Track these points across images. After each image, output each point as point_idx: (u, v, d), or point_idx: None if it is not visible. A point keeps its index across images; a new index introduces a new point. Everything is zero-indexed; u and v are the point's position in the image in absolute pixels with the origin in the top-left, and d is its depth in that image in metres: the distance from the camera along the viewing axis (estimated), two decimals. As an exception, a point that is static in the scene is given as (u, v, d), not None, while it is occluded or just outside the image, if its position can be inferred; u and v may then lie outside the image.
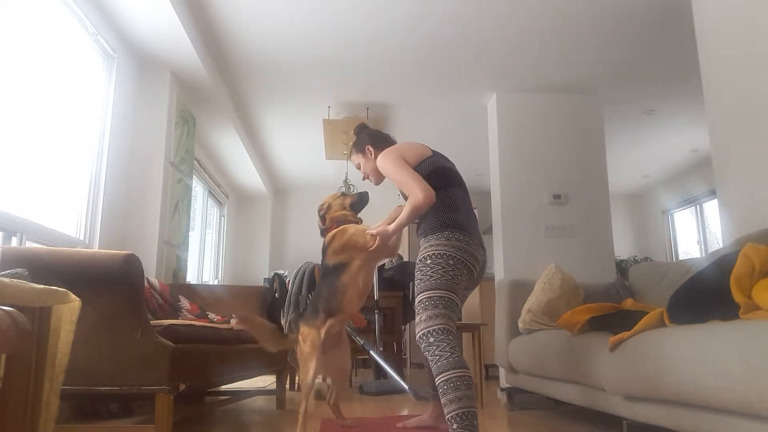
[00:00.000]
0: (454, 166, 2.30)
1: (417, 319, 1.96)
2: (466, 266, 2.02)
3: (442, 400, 1.78)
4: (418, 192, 2.03)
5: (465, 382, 1.78)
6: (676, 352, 1.55)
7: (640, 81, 4.26)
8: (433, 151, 2.26)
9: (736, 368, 1.32)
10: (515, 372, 3.16)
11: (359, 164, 2.47)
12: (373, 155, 2.40)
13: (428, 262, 2.00)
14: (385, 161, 2.20)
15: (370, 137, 2.47)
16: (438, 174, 2.17)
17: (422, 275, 2.00)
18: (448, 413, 1.75)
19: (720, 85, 2.44)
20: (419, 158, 2.19)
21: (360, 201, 2.41)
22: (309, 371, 2.14)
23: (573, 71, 4.10)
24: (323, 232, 2.37)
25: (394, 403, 3.35)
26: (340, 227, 2.27)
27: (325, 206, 2.40)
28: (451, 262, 1.99)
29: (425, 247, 2.06)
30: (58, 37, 2.81)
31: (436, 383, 1.82)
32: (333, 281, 2.20)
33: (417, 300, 1.99)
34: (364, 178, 2.50)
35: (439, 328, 1.89)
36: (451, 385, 1.77)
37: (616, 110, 4.75)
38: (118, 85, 3.32)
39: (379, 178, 2.41)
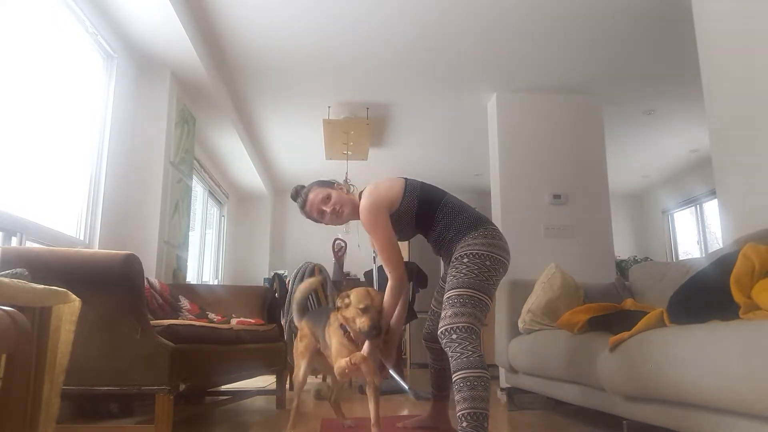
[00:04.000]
0: None
1: (443, 314, 1.93)
2: (502, 264, 2.01)
3: (456, 397, 1.76)
4: (400, 267, 2.10)
5: (483, 383, 1.76)
6: (676, 352, 1.55)
7: (640, 81, 4.26)
8: (403, 178, 2.22)
9: (736, 368, 1.31)
10: (515, 372, 3.16)
11: (328, 196, 2.22)
12: (344, 189, 2.29)
13: (465, 260, 1.96)
14: (374, 221, 2.09)
15: (323, 182, 2.31)
16: (426, 193, 2.17)
17: (456, 272, 1.96)
18: (460, 411, 1.73)
19: (720, 85, 2.44)
20: (400, 195, 2.14)
21: None
22: (300, 368, 2.18)
23: (573, 71, 4.10)
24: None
25: (394, 403, 3.35)
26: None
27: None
28: (488, 263, 1.96)
29: (461, 247, 2.01)
30: (58, 36, 2.81)
31: (453, 379, 1.79)
32: None
33: (446, 296, 1.96)
34: (333, 214, 2.21)
35: (463, 326, 1.86)
36: (468, 383, 1.74)
37: (615, 110, 4.75)
38: (118, 85, 3.32)
39: (353, 213, 2.23)
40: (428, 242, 2.25)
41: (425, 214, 2.15)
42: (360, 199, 2.17)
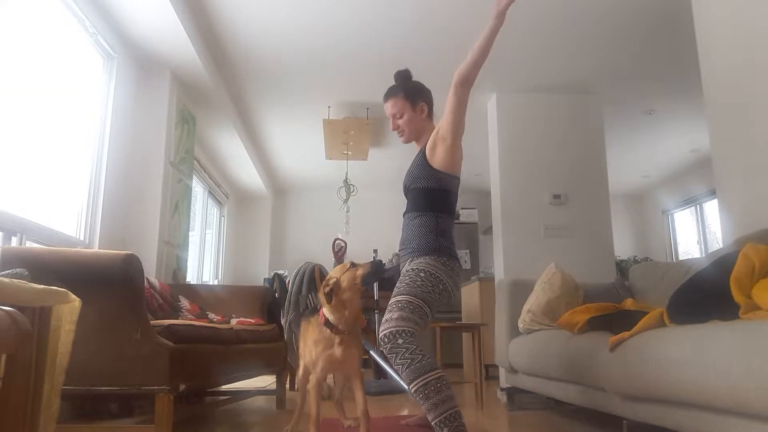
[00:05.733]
0: None
1: (387, 316, 1.89)
2: (449, 294, 2.02)
3: (425, 405, 1.72)
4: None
5: (444, 383, 1.74)
6: (676, 352, 1.55)
7: (641, 81, 4.26)
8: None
9: (736, 368, 1.31)
10: (515, 372, 3.16)
11: (401, 113, 2.26)
12: (425, 114, 2.29)
13: (421, 275, 1.97)
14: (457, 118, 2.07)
15: (424, 95, 2.30)
16: (455, 195, 2.18)
17: (410, 281, 1.96)
18: (437, 417, 1.70)
19: (720, 85, 2.44)
20: (460, 168, 2.17)
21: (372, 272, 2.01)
22: (301, 368, 2.18)
23: (573, 71, 4.10)
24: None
25: (394, 403, 3.35)
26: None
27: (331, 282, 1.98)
28: (440, 287, 1.98)
29: (420, 262, 2.02)
30: (58, 36, 2.81)
31: (414, 388, 1.74)
32: None
33: (394, 299, 1.93)
34: (395, 129, 2.30)
35: (408, 331, 1.83)
36: (433, 388, 1.71)
37: (616, 110, 4.75)
38: (118, 85, 3.32)
39: (412, 138, 2.27)
40: (403, 215, 2.23)
41: (438, 199, 2.12)
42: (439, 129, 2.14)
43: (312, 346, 1.99)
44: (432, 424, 1.70)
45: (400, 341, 1.80)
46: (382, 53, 3.85)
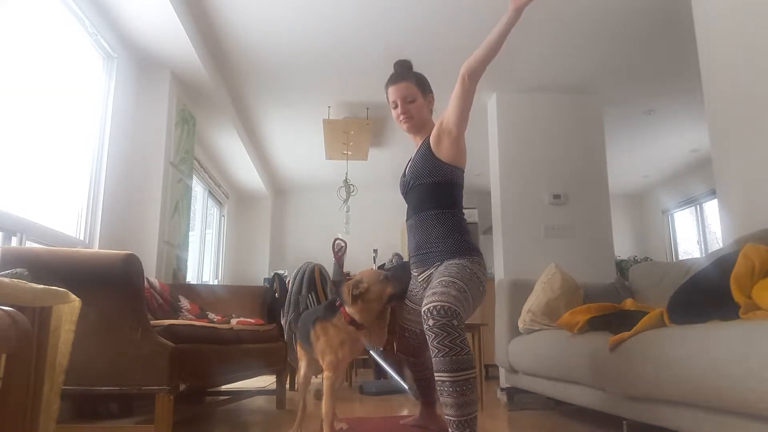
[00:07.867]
0: None
1: (442, 289, 1.75)
2: (483, 296, 1.96)
3: (457, 399, 1.65)
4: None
5: (475, 385, 1.73)
6: (676, 352, 1.55)
7: (640, 81, 4.26)
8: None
9: (736, 368, 1.32)
10: (515, 372, 3.16)
11: (414, 98, 2.17)
12: (432, 106, 2.24)
13: (467, 270, 1.88)
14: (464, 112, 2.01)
15: (431, 88, 2.27)
16: (462, 188, 2.12)
17: (460, 271, 1.85)
18: (464, 415, 1.65)
19: (720, 85, 2.44)
20: (465, 160, 2.11)
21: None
22: (300, 371, 2.20)
23: (573, 71, 4.10)
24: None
25: (394, 403, 3.35)
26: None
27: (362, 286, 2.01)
28: (480, 288, 1.92)
29: (470, 261, 1.93)
30: (58, 36, 2.81)
31: (451, 378, 1.66)
32: None
33: (449, 278, 1.81)
34: (405, 113, 2.18)
35: (462, 316, 1.72)
36: (470, 386, 1.67)
37: (616, 110, 4.75)
38: (118, 85, 3.32)
39: (417, 127, 2.18)
40: (407, 217, 2.14)
41: (450, 194, 2.05)
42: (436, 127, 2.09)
43: (338, 347, 1.99)
44: (454, 420, 1.65)
45: (455, 323, 1.67)
46: (383, 53, 3.84)
